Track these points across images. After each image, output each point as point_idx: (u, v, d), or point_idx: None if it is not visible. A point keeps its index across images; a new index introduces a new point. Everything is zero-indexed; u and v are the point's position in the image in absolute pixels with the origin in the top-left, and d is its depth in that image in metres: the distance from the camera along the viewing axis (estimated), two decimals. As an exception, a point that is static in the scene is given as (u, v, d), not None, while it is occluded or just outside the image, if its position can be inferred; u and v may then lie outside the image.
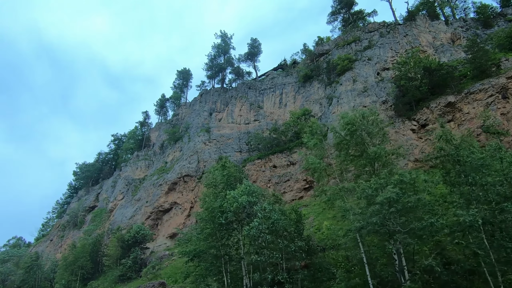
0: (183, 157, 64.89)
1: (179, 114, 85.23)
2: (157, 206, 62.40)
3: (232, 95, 75.70)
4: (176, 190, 62.38)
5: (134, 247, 50.76)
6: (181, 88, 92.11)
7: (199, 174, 62.47)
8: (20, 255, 78.37)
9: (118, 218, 69.79)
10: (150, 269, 43.42)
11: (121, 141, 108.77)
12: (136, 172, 79.56)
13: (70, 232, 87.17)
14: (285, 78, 74.29)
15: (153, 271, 42.61)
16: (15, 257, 77.65)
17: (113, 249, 52.25)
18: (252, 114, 71.44)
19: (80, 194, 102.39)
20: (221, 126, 70.34)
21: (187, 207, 59.38)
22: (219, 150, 65.80)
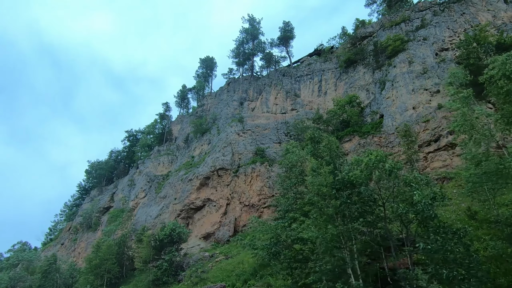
0: (215, 149, 60.13)
1: (204, 105, 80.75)
2: (187, 203, 57.55)
3: (265, 82, 71.15)
4: (209, 185, 57.54)
5: (169, 248, 45.78)
6: (205, 77, 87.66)
7: (235, 167, 57.65)
8: (30, 259, 73.76)
9: (141, 217, 65.02)
10: (194, 272, 38.37)
11: (136, 137, 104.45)
12: (158, 168, 74.94)
13: (84, 235, 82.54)
14: (323, 64, 69.69)
15: (198, 274, 37.57)
16: (25, 261, 73.02)
17: (144, 250, 47.35)
18: (289, 103, 66.76)
19: (93, 195, 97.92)
20: (255, 116, 65.69)
21: (222, 204, 54.43)
22: (255, 142, 61.07)
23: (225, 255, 43.90)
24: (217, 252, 45.64)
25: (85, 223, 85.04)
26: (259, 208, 51.95)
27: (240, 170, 56.28)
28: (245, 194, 53.67)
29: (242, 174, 55.65)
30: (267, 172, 54.43)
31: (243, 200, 53.28)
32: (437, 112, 47.38)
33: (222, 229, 51.34)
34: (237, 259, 39.86)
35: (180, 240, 46.73)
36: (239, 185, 55.01)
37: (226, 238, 49.87)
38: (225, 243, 49.60)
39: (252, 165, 55.36)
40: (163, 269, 43.21)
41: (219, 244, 50.16)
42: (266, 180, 53.57)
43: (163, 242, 45.24)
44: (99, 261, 47.18)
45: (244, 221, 51.73)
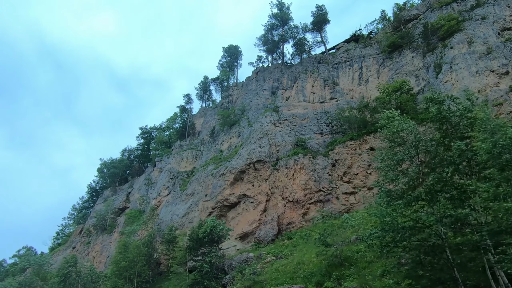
0: (250, 141, 55.98)
1: (230, 95, 76.79)
2: (220, 200, 53.29)
3: (299, 70, 67.16)
4: (244, 180, 53.30)
5: (208, 248, 41.44)
6: (230, 67, 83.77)
7: (273, 160, 53.42)
8: (41, 264, 69.56)
9: (165, 216, 60.83)
10: (247, 273, 33.98)
11: (151, 134, 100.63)
12: (181, 164, 70.90)
13: (99, 237, 78.40)
14: (363, 50, 65.66)
15: (251, 277, 33.20)
16: (36, 265, 68.83)
17: (179, 251, 43.10)
18: (327, 92, 62.67)
19: (106, 195, 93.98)
20: (291, 105, 61.65)
21: (261, 200, 50.10)
22: (293, 132, 56.91)
23: (274, 255, 39.50)
24: (264, 252, 41.22)
25: (99, 225, 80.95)
26: (304, 204, 47.59)
27: (280, 163, 52.05)
28: (287, 189, 49.36)
29: (283, 167, 51.42)
30: (311, 164, 50.15)
31: (285, 196, 48.96)
32: (510, 94, 43.27)
33: (263, 228, 46.94)
34: (293, 259, 35.48)
35: (219, 239, 42.36)
36: (280, 179, 50.74)
37: (269, 237, 45.45)
38: (268, 243, 45.17)
39: (294, 157, 51.11)
40: (204, 271, 38.83)
41: (261, 244, 45.75)
42: (311, 173, 49.26)
43: (202, 241, 40.93)
44: (128, 263, 42.85)
45: (288, 219, 47.35)
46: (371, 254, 28.47)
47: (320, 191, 47.97)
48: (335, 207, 46.06)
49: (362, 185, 47.13)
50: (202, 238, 40.86)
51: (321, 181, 48.57)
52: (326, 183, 48.31)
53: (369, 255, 28.49)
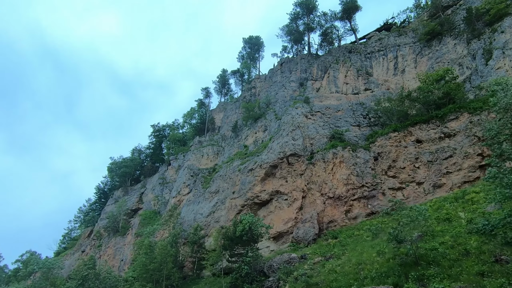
0: (282, 133, 52.79)
1: (252, 88, 73.77)
2: (250, 197, 49.99)
3: (329, 60, 64.17)
4: (276, 175, 50.04)
5: (245, 247, 38.08)
6: (251, 59, 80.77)
7: (307, 153, 50.18)
8: (51, 267, 66.12)
9: (188, 216, 57.53)
10: (299, 276, 30.56)
11: (164, 132, 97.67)
12: (201, 160, 67.73)
13: (111, 240, 75.10)
14: (397, 38, 62.70)
15: (305, 279, 29.76)
16: (45, 269, 65.39)
17: (214, 250, 39.77)
18: (361, 82, 59.60)
19: (117, 195, 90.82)
20: (323, 97, 58.59)
21: (297, 197, 46.75)
22: (327, 124, 53.77)
23: (322, 255, 36.07)
24: (308, 252, 37.78)
25: (111, 227, 77.69)
26: (347, 200, 44.21)
27: (317, 156, 48.80)
28: (326, 184, 46.03)
29: (320, 160, 48.16)
30: (352, 158, 46.85)
31: (325, 192, 45.61)
32: None
33: (302, 227, 43.53)
34: (349, 259, 32.05)
35: (257, 238, 38.98)
36: (317, 174, 47.45)
37: (310, 237, 42.04)
38: (309, 243, 41.75)
39: (333, 149, 47.86)
40: (244, 273, 35.41)
41: (300, 245, 42.35)
42: (352, 167, 45.95)
43: (240, 239, 37.54)
44: (157, 265, 39.40)
45: (329, 217, 43.96)
46: (455, 251, 25.06)
47: (363, 187, 44.64)
48: (382, 204, 42.65)
49: (410, 180, 43.75)
50: (240, 236, 37.43)
51: (363, 176, 45.25)
52: (369, 178, 44.99)
53: (453, 253, 25.06)
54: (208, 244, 51.31)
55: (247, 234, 37.65)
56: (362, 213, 43.34)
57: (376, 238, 35.82)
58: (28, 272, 66.84)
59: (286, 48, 72.14)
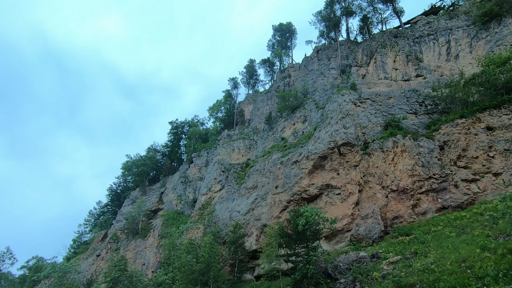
0: (330, 122, 48.87)
1: (286, 78, 70.07)
2: (297, 192, 45.92)
3: (372, 45, 60.47)
4: (326, 167, 46.01)
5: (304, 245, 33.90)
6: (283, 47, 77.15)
7: (360, 143, 46.16)
8: (68, 271, 62.28)
9: (222, 214, 53.49)
10: (387, 276, 26.32)
11: (182, 129, 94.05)
12: (232, 155, 63.90)
13: (131, 242, 71.11)
14: (449, 22, 58.91)
15: (398, 279, 25.53)
16: (62, 273, 61.52)
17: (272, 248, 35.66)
18: (412, 68, 55.76)
19: (134, 196, 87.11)
20: (371, 83, 54.83)
21: (352, 190, 42.58)
22: (380, 112, 49.86)
23: (399, 254, 31.82)
24: (380, 251, 33.53)
25: (130, 229, 73.75)
26: (413, 193, 40.01)
27: (373, 146, 44.77)
28: (388, 176, 41.89)
29: (377, 150, 44.12)
30: (414, 147, 42.73)
31: (386, 184, 41.45)
32: None
33: (363, 224, 39.33)
34: (441, 256, 27.77)
35: (319, 234, 34.79)
36: (375, 165, 43.37)
37: (375, 234, 37.85)
38: (374, 241, 37.53)
39: (392, 138, 43.82)
40: (309, 275, 31.16)
41: (362, 243, 38.17)
42: (416, 157, 41.81)
43: (303, 235, 33.36)
44: (203, 265, 35.22)
45: (394, 212, 39.73)
46: None
47: (430, 178, 40.43)
48: (455, 197, 38.41)
49: (485, 171, 39.51)
50: (302, 231, 33.25)
51: (430, 167, 41.08)
52: (437, 169, 40.80)
53: None
54: (249, 244, 47.25)
55: (311, 228, 33.46)
56: (432, 207, 39.07)
57: (462, 233, 31.70)
58: (43, 276, 62.84)
59: (323, 33, 68.47)
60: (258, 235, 47.14)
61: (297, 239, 34.05)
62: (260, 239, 46.85)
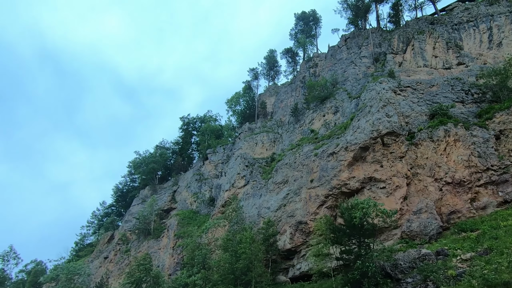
0: (370, 110, 46.08)
1: (312, 67, 67.38)
2: (337, 186, 42.99)
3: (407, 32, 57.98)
4: (368, 159, 43.11)
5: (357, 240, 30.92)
6: (308, 36, 74.54)
7: (405, 133, 43.34)
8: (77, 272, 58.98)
9: (249, 211, 50.50)
10: (476, 275, 23.34)
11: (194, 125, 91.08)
12: (255, 149, 61.03)
13: (143, 244, 67.94)
14: (489, 8, 56.52)
15: (490, 277, 22.58)
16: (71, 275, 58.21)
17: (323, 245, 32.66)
18: (453, 56, 53.24)
19: (144, 194, 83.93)
20: (410, 71, 52.32)
21: (399, 184, 39.63)
22: (423, 101, 47.19)
23: (470, 250, 28.86)
24: (446, 248, 30.53)
25: (141, 230, 70.47)
26: (471, 186, 37.15)
27: (420, 135, 42.00)
28: (440, 167, 39.01)
29: (426, 140, 41.35)
30: (468, 136, 39.95)
31: (439, 176, 38.55)
32: None
33: (416, 219, 36.39)
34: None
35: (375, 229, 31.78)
36: (425, 156, 40.55)
37: (433, 230, 34.95)
38: (432, 237, 34.56)
39: (443, 126, 41.01)
40: (370, 273, 28.11)
41: (416, 240, 35.19)
42: (472, 147, 39.00)
43: (360, 229, 30.34)
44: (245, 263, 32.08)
45: (450, 206, 36.80)
46: None
47: (489, 170, 37.64)
48: (520, 190, 35.51)
49: (549, 161, 36.71)
50: (359, 225, 30.23)
51: (487, 157, 38.32)
52: (494, 160, 38.04)
53: None
54: (282, 243, 44.17)
55: (366, 222, 30.47)
56: (493, 201, 36.23)
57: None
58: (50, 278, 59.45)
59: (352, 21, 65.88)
60: (293, 233, 44.11)
61: (351, 234, 31.01)
62: (294, 238, 43.89)
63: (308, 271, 40.88)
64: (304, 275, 41.73)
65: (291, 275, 42.84)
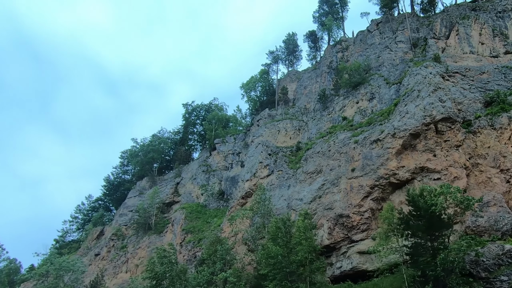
0: (419, 94, 43.16)
1: (342, 51, 64.19)
2: (384, 176, 39.77)
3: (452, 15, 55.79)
4: (418, 148, 40.16)
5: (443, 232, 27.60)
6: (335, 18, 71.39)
7: (460, 120, 40.62)
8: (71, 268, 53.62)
9: (278, 203, 46.79)
10: None
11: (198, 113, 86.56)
12: (278, 137, 57.36)
13: (143, 239, 63.19)
14: (535, -4, 55.00)
15: None
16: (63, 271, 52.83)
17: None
18: (500, 44, 51.23)
19: (142, 186, 78.92)
20: (456, 56, 50.05)
21: (458, 175, 36.77)
22: (475, 88, 44.66)
23: None
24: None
25: (140, 224, 65.48)
26: (543, 178, 34.46)
27: (479, 123, 39.39)
28: (506, 157, 36.30)
29: (486, 128, 38.78)
30: (536, 124, 37.51)
31: (506, 167, 35.81)
32: None
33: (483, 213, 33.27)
34: None
35: (453, 219, 28.51)
36: (486, 145, 37.92)
37: (507, 225, 31.87)
38: (505, 233, 31.55)
39: (506, 113, 38.45)
40: (456, 269, 24.79)
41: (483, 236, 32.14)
42: (540, 137, 36.51)
43: (438, 219, 26.97)
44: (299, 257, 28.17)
45: (522, 200, 33.96)
46: None
47: (561, 162, 35.09)
48: None
49: None
50: (438, 215, 26.85)
51: (559, 149, 35.81)
52: None
53: None
54: (319, 238, 40.42)
55: (444, 212, 27.20)
56: None
57: None
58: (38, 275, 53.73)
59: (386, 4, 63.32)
60: (331, 227, 40.52)
61: (428, 225, 27.56)
62: (333, 233, 40.31)
63: (352, 270, 37.52)
64: (345, 275, 38.23)
65: (330, 275, 39.18)
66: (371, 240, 38.29)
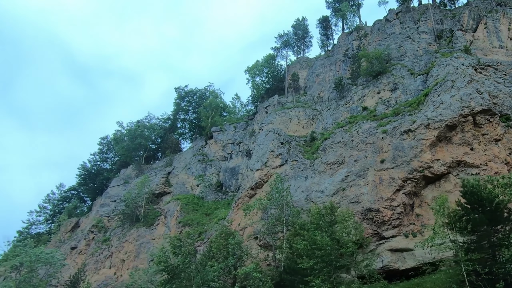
0: (454, 84, 41.73)
1: (357, 39, 62.34)
2: (418, 168, 37.89)
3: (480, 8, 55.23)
4: (454, 140, 38.64)
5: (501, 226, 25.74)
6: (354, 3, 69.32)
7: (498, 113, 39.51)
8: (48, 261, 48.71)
9: (294, 195, 43.83)
10: None
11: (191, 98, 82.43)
12: (290, 125, 54.71)
13: (130, 232, 58.99)
14: (560, -5, 55.41)
15: None
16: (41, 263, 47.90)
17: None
18: (527, 40, 50.86)
19: (126, 175, 74.12)
20: (486, 50, 49.39)
21: (499, 170, 35.40)
22: (509, 82, 43.91)
23: None
24: None
25: (127, 215, 60.94)
26: None
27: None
28: (549, 153, 35.25)
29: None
30: None
31: (554, 164, 34.75)
32: None
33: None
34: None
35: None
36: (528, 139, 36.68)
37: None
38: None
39: (548, 108, 37.53)
40: None
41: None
42: None
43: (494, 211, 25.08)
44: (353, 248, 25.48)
45: None
46: None
47: None
48: None
49: None
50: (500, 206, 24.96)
51: None
52: None
53: None
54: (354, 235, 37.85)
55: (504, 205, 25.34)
56: None
57: None
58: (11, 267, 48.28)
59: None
60: (358, 222, 38.07)
61: (491, 218, 25.59)
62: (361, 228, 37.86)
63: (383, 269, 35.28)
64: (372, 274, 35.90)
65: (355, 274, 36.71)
66: (403, 237, 36.32)
